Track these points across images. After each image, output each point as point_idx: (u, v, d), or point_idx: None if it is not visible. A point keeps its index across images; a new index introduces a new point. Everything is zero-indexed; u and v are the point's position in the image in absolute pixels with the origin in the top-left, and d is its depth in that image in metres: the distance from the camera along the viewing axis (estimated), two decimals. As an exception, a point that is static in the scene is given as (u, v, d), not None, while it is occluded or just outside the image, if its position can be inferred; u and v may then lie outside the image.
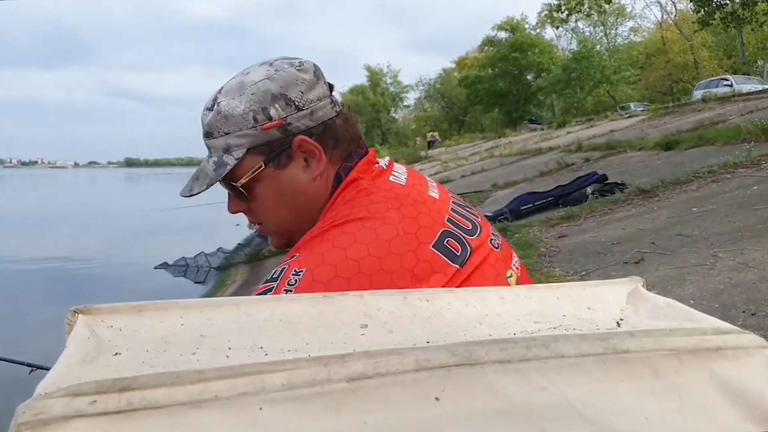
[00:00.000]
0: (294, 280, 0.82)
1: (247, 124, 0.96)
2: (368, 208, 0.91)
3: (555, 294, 0.68)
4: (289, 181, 0.99)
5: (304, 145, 0.97)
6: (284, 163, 0.98)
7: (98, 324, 0.55)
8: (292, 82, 0.97)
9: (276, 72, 0.97)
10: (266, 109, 0.95)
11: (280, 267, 0.87)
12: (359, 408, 0.43)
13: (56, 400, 0.40)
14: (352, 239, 0.86)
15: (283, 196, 1.00)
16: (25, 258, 13.27)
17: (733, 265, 4.18)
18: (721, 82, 24.83)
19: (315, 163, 0.99)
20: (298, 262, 0.85)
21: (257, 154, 0.97)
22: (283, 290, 0.82)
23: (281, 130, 0.96)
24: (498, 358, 0.47)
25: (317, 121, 0.98)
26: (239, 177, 0.99)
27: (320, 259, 0.84)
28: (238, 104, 0.96)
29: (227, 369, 0.43)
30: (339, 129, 1.01)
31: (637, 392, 0.48)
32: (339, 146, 1.01)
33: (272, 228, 1.06)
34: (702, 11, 16.39)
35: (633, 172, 10.16)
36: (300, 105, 0.96)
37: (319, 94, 0.99)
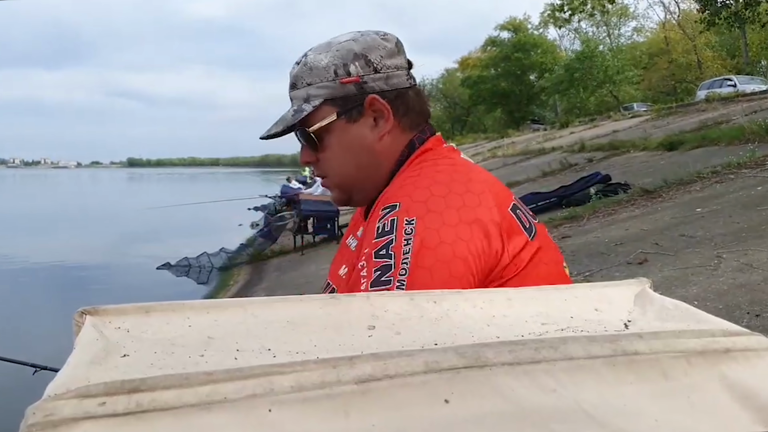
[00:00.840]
0: (410, 229, 0.89)
1: (328, 76, 1.04)
2: (454, 168, 1.00)
3: (562, 295, 0.68)
4: (357, 137, 1.06)
5: (375, 104, 1.04)
6: (355, 117, 1.05)
7: (106, 325, 0.55)
8: (374, 46, 1.05)
9: (362, 36, 1.06)
10: (347, 65, 1.03)
11: (388, 219, 0.92)
12: (368, 410, 0.43)
13: (66, 402, 0.40)
14: (446, 190, 0.94)
15: (350, 150, 1.07)
16: (28, 258, 13.29)
17: (737, 265, 4.17)
18: (724, 82, 24.80)
19: (383, 123, 1.06)
20: (405, 211, 0.91)
21: (332, 105, 1.05)
22: (403, 239, 0.89)
23: (357, 86, 1.04)
24: (507, 360, 0.47)
25: (391, 86, 1.05)
26: (313, 124, 1.06)
27: (425, 207, 0.91)
28: (323, 58, 1.04)
29: (236, 371, 0.43)
30: (410, 99, 1.08)
31: (646, 394, 0.48)
32: (409, 115, 1.08)
33: (336, 180, 1.12)
34: (706, 11, 16.36)
35: (636, 172, 10.16)
36: (378, 67, 1.04)
37: (397, 63, 1.07)
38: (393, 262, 0.88)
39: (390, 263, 0.88)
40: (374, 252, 0.90)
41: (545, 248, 1.00)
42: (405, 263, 0.87)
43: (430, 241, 0.88)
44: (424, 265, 0.87)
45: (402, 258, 0.87)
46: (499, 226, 0.93)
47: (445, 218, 0.90)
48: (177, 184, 70.04)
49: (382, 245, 0.90)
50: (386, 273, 0.88)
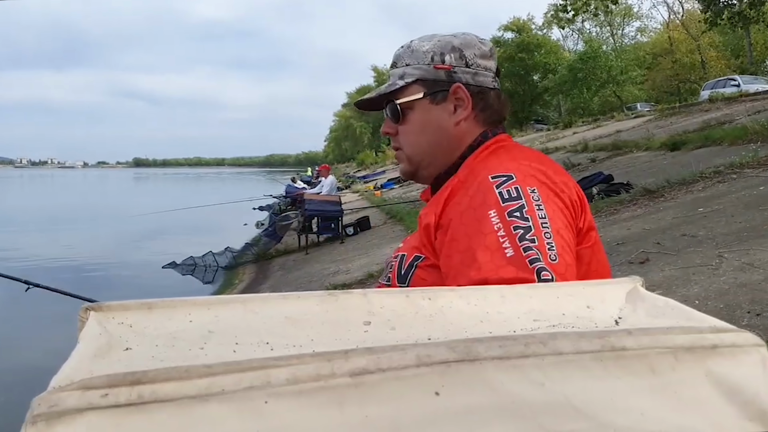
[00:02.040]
0: (536, 197, 0.98)
1: (425, 60, 1.16)
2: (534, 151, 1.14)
3: (555, 293, 0.69)
4: (436, 117, 1.17)
5: (459, 92, 1.15)
6: (438, 100, 1.16)
7: (109, 320, 0.56)
8: (471, 45, 1.17)
9: (463, 34, 1.19)
10: (443, 54, 1.15)
11: (507, 188, 0.99)
12: (362, 402, 0.44)
13: (69, 393, 0.41)
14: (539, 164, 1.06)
15: (427, 128, 1.18)
16: (36, 257, 13.34)
17: (739, 265, 4.17)
18: (728, 82, 24.71)
19: (461, 110, 1.16)
20: (522, 181, 1.00)
21: (422, 86, 1.16)
22: (535, 205, 0.96)
23: (447, 74, 1.15)
24: (497, 354, 0.48)
25: (477, 82, 1.16)
26: (400, 98, 1.18)
27: (537, 179, 1.02)
28: (424, 45, 1.17)
29: (234, 364, 0.44)
30: (491, 99, 1.18)
31: (633, 389, 0.49)
32: (486, 111, 1.18)
33: (408, 152, 1.22)
34: (709, 11, 16.31)
35: (639, 172, 10.14)
36: (469, 63, 1.16)
37: (486, 65, 1.18)
38: (531, 224, 0.94)
39: (528, 225, 0.94)
40: (507, 213, 0.96)
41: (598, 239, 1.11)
42: (545, 226, 0.95)
43: (552, 207, 0.99)
44: (559, 228, 0.97)
45: (541, 222, 0.95)
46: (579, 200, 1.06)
47: (554, 188, 1.02)
48: (183, 184, 70.17)
49: (515, 208, 0.96)
50: (527, 233, 0.94)
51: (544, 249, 0.92)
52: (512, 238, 0.93)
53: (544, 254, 0.92)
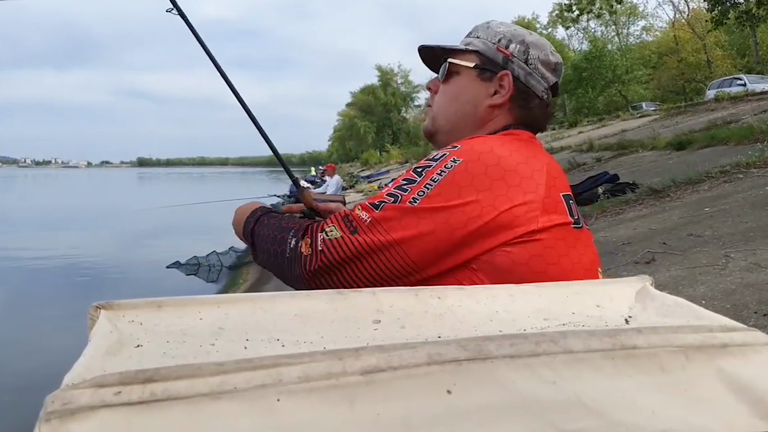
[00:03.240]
0: (451, 165, 0.99)
1: (492, 39, 1.19)
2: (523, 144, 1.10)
3: (564, 292, 0.69)
4: (473, 91, 1.19)
5: (505, 79, 1.16)
6: (484, 77, 1.18)
7: (120, 318, 0.56)
8: (540, 47, 1.19)
9: (538, 37, 1.21)
10: (510, 41, 1.18)
11: (441, 152, 1.03)
12: (373, 400, 0.44)
13: (83, 391, 0.41)
14: (508, 153, 1.02)
15: (461, 97, 1.20)
16: (41, 256, 13.39)
17: (746, 265, 4.15)
18: (734, 81, 24.61)
19: (498, 97, 1.17)
20: (457, 152, 1.01)
21: (477, 58, 1.19)
22: (439, 170, 0.99)
23: (504, 59, 1.17)
24: (508, 352, 0.48)
25: (527, 83, 1.17)
26: (453, 59, 1.21)
27: (476, 156, 1.00)
28: (501, 28, 1.21)
29: (246, 361, 0.44)
30: (533, 104, 1.18)
31: (644, 387, 0.49)
32: (522, 111, 1.18)
33: (435, 112, 1.25)
34: (716, 10, 16.25)
35: (644, 171, 10.12)
36: (529, 62, 1.17)
37: (545, 75, 1.19)
38: (419, 180, 0.98)
39: (416, 179, 0.99)
40: (414, 168, 1.02)
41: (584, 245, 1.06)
42: (428, 187, 0.97)
43: (460, 180, 0.97)
44: (444, 195, 0.96)
45: (427, 182, 0.97)
46: (542, 201, 1.00)
47: (489, 172, 0.98)
48: (187, 184, 70.34)
49: (422, 166, 1.01)
50: (408, 184, 0.99)
51: (405, 198, 0.97)
52: (396, 183, 1.01)
53: (401, 200, 0.97)
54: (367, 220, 0.98)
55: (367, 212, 0.99)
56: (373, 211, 0.98)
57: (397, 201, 0.98)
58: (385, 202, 0.99)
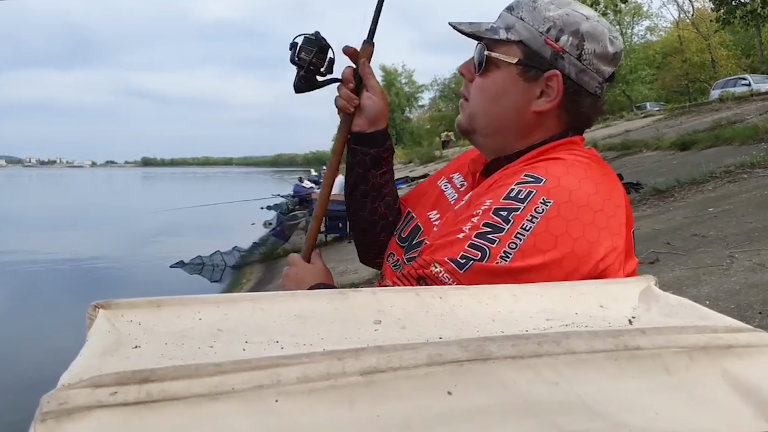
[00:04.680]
0: (542, 209, 0.87)
1: (540, 27, 1.00)
2: (605, 172, 0.99)
3: (567, 292, 0.69)
4: (516, 93, 1.03)
5: (553, 81, 1.01)
6: (528, 77, 1.02)
7: (118, 318, 0.56)
8: (597, 38, 1.01)
9: (597, 22, 1.02)
10: (562, 32, 1.00)
11: (526, 187, 0.90)
12: (373, 401, 0.44)
13: (79, 391, 0.41)
14: (594, 188, 0.92)
15: (502, 98, 1.05)
16: (45, 256, 13.43)
17: (750, 265, 4.14)
18: (739, 81, 24.53)
19: (545, 100, 1.02)
20: (546, 191, 0.89)
21: (520, 51, 1.02)
22: (529, 215, 0.87)
23: (553, 54, 1.00)
24: (510, 353, 0.47)
25: (579, 80, 1.01)
26: (494, 50, 1.04)
27: (567, 196, 0.89)
28: (552, 10, 1.01)
29: (244, 362, 0.44)
30: (584, 103, 1.04)
31: (648, 389, 0.49)
32: (572, 114, 1.04)
33: (472, 109, 1.09)
34: (722, 10, 16.20)
35: (649, 171, 10.09)
36: (583, 58, 1.01)
37: (600, 68, 1.03)
38: (507, 228, 0.87)
39: (504, 227, 0.87)
40: (495, 209, 0.89)
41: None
42: (519, 237, 0.86)
43: (555, 228, 0.87)
44: (540, 248, 0.86)
45: (518, 231, 0.86)
46: (624, 246, 0.93)
47: (581, 215, 0.88)
48: (191, 184, 70.46)
49: (507, 207, 0.88)
50: (495, 233, 0.87)
51: (495, 252, 0.85)
52: (474, 229, 0.88)
53: (490, 256, 0.85)
54: (450, 285, 0.84)
55: (450, 274, 0.86)
56: (458, 271, 0.86)
57: (486, 258, 0.85)
58: (472, 259, 0.86)
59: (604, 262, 0.89)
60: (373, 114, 1.22)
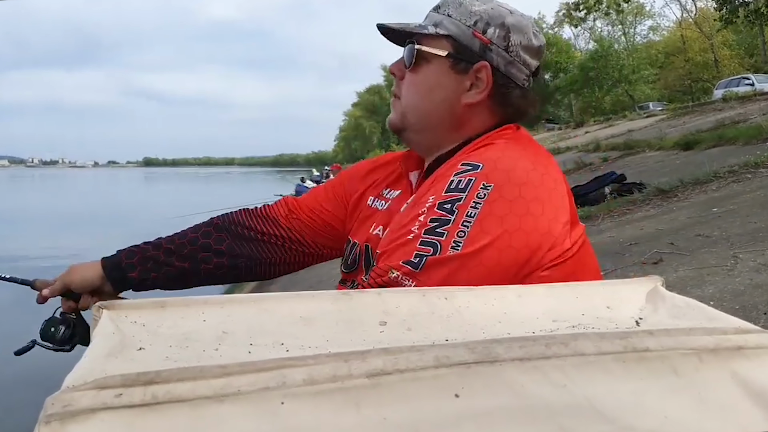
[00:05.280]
0: (483, 194, 0.89)
1: (467, 21, 1.03)
2: (538, 149, 1.02)
3: (573, 293, 0.68)
4: (447, 86, 1.05)
5: (482, 72, 1.03)
6: (458, 69, 1.04)
7: (122, 319, 0.56)
8: (522, 30, 1.04)
9: (521, 16, 1.06)
10: (488, 24, 1.03)
11: (465, 177, 0.91)
12: (379, 403, 0.43)
13: (83, 393, 0.41)
14: (531, 165, 0.94)
15: (434, 92, 1.07)
16: (47, 256, 13.45)
17: (754, 266, 4.12)
18: (742, 80, 24.48)
19: (475, 92, 1.05)
20: (485, 175, 0.91)
21: (449, 44, 1.04)
22: (472, 201, 0.88)
23: (481, 47, 1.03)
24: (517, 355, 0.47)
25: (508, 73, 1.04)
26: (422, 44, 1.06)
27: (506, 177, 0.91)
28: (477, 5, 1.04)
29: (249, 364, 0.43)
30: (513, 95, 1.06)
31: (656, 391, 0.48)
32: (503, 104, 1.06)
33: (403, 106, 1.11)
34: (725, 9, 16.18)
35: (652, 171, 10.08)
36: (510, 49, 1.04)
37: (526, 59, 1.06)
38: (453, 218, 0.88)
39: (449, 218, 0.88)
40: (439, 203, 0.90)
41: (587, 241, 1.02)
42: (466, 225, 0.87)
43: (499, 210, 0.88)
44: (488, 231, 0.87)
45: (464, 219, 0.87)
46: (569, 214, 0.95)
47: (523, 192, 0.90)
48: (194, 184, 70.50)
49: (450, 200, 0.90)
50: (442, 226, 0.88)
51: (446, 244, 0.86)
52: (422, 227, 0.89)
53: (442, 249, 0.86)
54: (411, 286, 0.85)
55: (408, 276, 0.87)
56: (414, 271, 0.87)
57: (437, 251, 0.87)
58: (425, 255, 0.87)
59: (551, 235, 0.91)
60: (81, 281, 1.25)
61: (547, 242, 0.90)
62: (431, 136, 1.09)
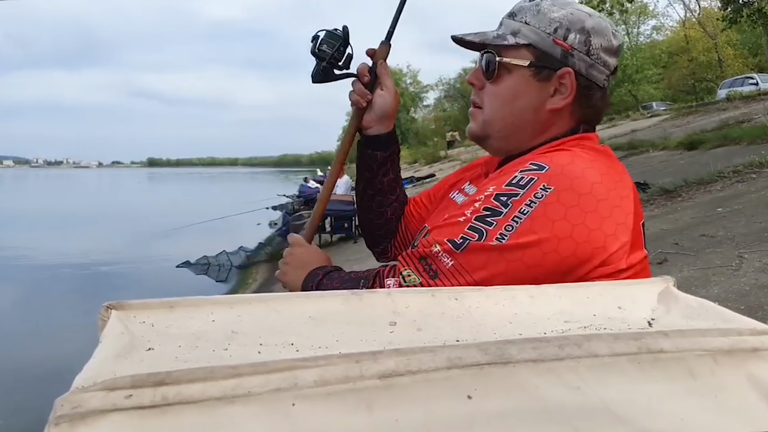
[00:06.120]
0: (541, 194, 0.89)
1: (547, 28, 1.03)
2: (612, 163, 1.00)
3: (585, 293, 0.68)
4: (530, 94, 1.05)
5: (566, 78, 1.03)
6: (541, 77, 1.04)
7: (131, 319, 0.55)
8: (602, 33, 1.04)
9: (599, 18, 1.06)
10: (569, 30, 1.02)
11: (528, 174, 0.92)
12: (391, 405, 0.43)
13: (93, 394, 0.40)
14: (599, 177, 0.93)
15: (517, 101, 1.06)
16: (52, 256, 13.48)
17: (760, 266, 4.11)
18: (746, 80, 24.42)
19: (560, 98, 1.04)
20: (547, 177, 0.90)
21: (531, 54, 1.04)
22: (528, 200, 0.88)
23: (563, 53, 1.03)
24: (530, 357, 0.46)
25: (588, 75, 1.04)
26: (504, 56, 1.05)
27: (569, 183, 0.90)
28: (555, 11, 1.03)
29: (260, 365, 0.43)
30: (595, 97, 1.06)
31: (672, 393, 0.48)
32: (585, 106, 1.06)
33: (486, 116, 1.10)
34: (729, 9, 16.13)
35: (656, 171, 10.05)
36: (591, 52, 1.03)
37: (607, 60, 1.05)
38: (505, 211, 0.88)
39: (502, 211, 0.89)
40: (496, 194, 0.91)
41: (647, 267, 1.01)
42: (516, 220, 0.87)
43: (553, 213, 0.88)
44: (536, 230, 0.87)
45: (515, 214, 0.88)
46: (630, 236, 0.93)
47: (582, 202, 0.89)
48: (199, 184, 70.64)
49: (507, 193, 0.90)
50: (494, 216, 0.89)
51: (492, 234, 0.88)
52: (475, 212, 0.90)
53: (487, 237, 0.87)
54: (448, 264, 0.88)
55: (448, 254, 0.89)
56: (455, 251, 0.89)
57: (482, 238, 0.88)
58: (469, 239, 0.88)
59: (606, 251, 0.89)
60: (383, 111, 1.26)
61: (599, 256, 0.89)
62: (514, 141, 1.08)
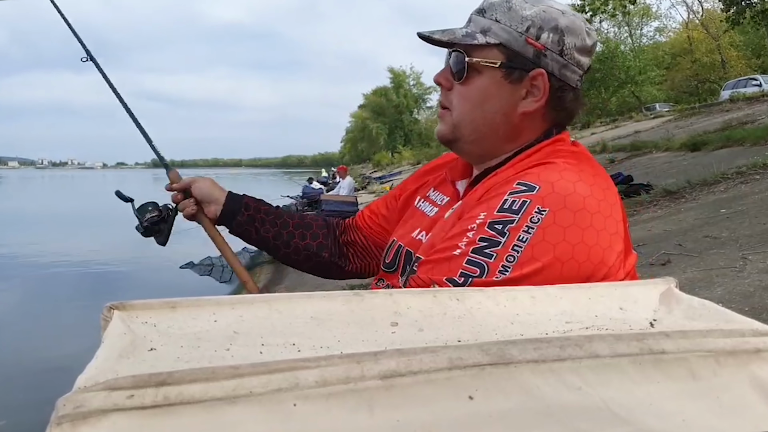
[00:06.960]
0: (537, 219, 0.86)
1: (519, 27, 0.99)
2: (596, 171, 0.97)
3: (586, 294, 0.68)
4: (501, 96, 1.02)
5: (538, 80, 1.00)
6: (512, 79, 1.00)
7: (133, 320, 0.55)
8: (576, 32, 1.00)
9: (573, 16, 1.02)
10: (542, 29, 0.98)
11: (520, 197, 0.88)
12: (393, 405, 0.43)
13: (95, 394, 0.40)
14: (588, 190, 0.90)
15: (487, 103, 1.02)
16: (56, 256, 13.51)
17: (764, 267, 4.10)
18: (749, 81, 24.37)
19: (532, 101, 1.01)
20: (540, 199, 0.87)
21: (502, 54, 1.00)
22: (525, 225, 0.86)
23: (536, 53, 0.99)
24: (532, 357, 0.46)
25: (561, 76, 1.00)
26: (473, 56, 1.01)
27: (562, 202, 0.87)
28: (527, 8, 0.99)
29: (261, 365, 0.43)
30: (568, 99, 1.03)
31: (674, 394, 0.47)
32: (558, 108, 1.03)
33: (455, 118, 1.06)
34: (732, 10, 16.11)
35: (659, 173, 10.04)
36: (564, 52, 0.99)
37: (581, 61, 1.02)
38: (503, 241, 0.85)
39: (500, 240, 0.86)
40: (490, 222, 0.88)
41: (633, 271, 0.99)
42: (516, 249, 0.85)
43: (552, 237, 0.85)
44: (538, 257, 0.85)
45: (515, 243, 0.85)
46: (624, 244, 0.92)
47: (578, 219, 0.87)
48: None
49: (501, 220, 0.87)
50: (492, 247, 0.86)
51: (494, 267, 0.84)
52: (471, 245, 0.87)
53: (489, 272, 0.84)
54: None
55: None
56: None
57: (485, 273, 0.85)
58: (471, 276, 0.85)
59: (605, 265, 0.88)
60: (206, 196, 1.36)
61: (600, 272, 0.87)
62: (486, 145, 1.05)
